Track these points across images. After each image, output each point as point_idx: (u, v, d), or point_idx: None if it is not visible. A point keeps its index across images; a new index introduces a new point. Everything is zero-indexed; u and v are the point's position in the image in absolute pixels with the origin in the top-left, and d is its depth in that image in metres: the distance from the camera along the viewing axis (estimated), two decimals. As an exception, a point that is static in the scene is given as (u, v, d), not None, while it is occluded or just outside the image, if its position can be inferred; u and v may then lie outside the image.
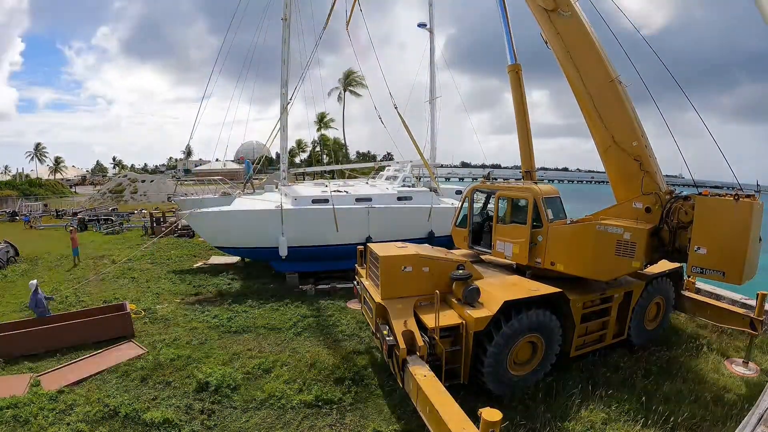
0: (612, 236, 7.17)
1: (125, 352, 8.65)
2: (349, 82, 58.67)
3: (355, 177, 26.28)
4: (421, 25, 22.90)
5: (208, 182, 25.29)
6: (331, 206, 13.63)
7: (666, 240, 7.17)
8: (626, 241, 7.00)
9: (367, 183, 19.41)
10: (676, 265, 8.27)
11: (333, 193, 14.60)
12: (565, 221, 8.29)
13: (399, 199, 15.58)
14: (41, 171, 78.63)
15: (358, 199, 15.02)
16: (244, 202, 15.84)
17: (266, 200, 15.45)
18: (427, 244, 9.47)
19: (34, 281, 9.89)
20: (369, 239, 14.21)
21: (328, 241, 14.01)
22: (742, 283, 6.22)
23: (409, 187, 17.45)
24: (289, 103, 16.04)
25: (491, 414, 4.30)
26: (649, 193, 7.40)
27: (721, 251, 6.22)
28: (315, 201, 14.49)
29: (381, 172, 20.77)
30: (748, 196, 6.25)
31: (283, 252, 13.36)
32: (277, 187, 17.95)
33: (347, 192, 15.66)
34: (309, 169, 26.05)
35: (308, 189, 16.96)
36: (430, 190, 16.68)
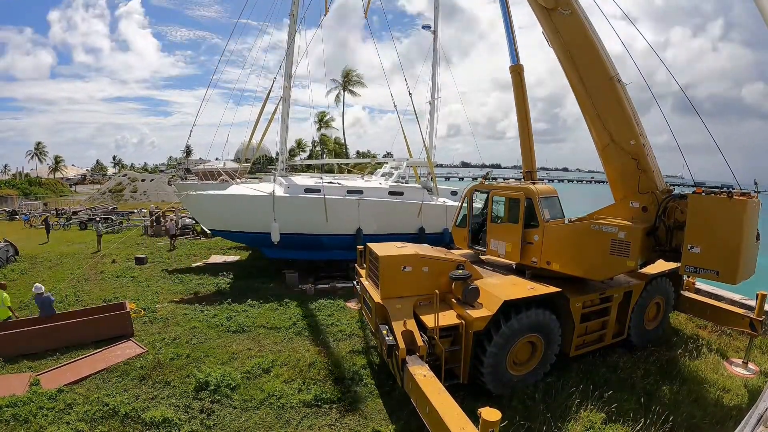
0: (606, 235, 7.16)
1: (125, 351, 8.64)
2: (348, 81, 58.38)
3: (356, 174, 26.32)
4: (426, 27, 22.97)
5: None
6: (322, 196, 13.78)
7: (662, 239, 7.15)
8: (621, 240, 6.99)
9: (362, 179, 19.48)
10: (676, 265, 8.27)
11: (325, 184, 14.75)
12: (562, 221, 8.28)
13: (390, 193, 15.62)
14: (41, 170, 78.55)
15: (350, 191, 15.09)
16: (238, 188, 15.99)
17: (261, 188, 15.59)
18: (426, 245, 9.47)
19: (40, 286, 9.65)
20: (359, 231, 14.39)
21: (319, 231, 14.15)
22: (737, 283, 6.13)
23: (403, 183, 17.50)
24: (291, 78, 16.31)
25: (490, 414, 4.30)
26: (646, 192, 7.39)
27: (714, 250, 6.14)
28: (307, 190, 14.65)
29: (378, 170, 20.85)
30: (743, 194, 6.15)
31: (275, 237, 13.45)
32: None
33: (339, 183, 15.75)
34: (305, 162, 26.09)
35: (302, 179, 17.14)
36: (425, 189, 16.70)
